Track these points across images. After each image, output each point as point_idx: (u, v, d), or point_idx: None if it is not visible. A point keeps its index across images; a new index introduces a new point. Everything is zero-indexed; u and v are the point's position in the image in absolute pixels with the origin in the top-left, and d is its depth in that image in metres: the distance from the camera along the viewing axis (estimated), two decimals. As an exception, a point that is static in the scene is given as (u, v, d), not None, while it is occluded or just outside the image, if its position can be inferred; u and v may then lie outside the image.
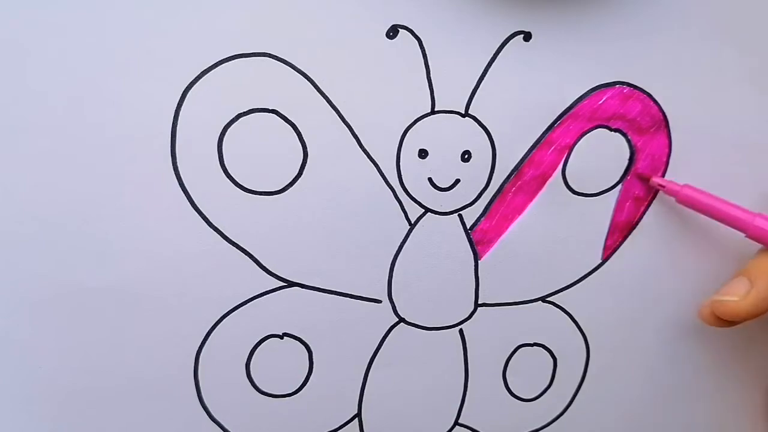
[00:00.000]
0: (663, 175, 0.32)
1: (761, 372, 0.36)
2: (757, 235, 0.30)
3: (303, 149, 0.29)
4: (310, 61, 0.28)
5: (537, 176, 0.31)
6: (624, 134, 0.31)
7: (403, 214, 0.30)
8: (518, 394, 0.33)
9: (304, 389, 0.31)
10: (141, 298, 0.28)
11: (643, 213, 0.32)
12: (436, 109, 0.29)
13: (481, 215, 0.31)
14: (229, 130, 0.28)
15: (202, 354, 0.29)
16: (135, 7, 0.26)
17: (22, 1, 0.25)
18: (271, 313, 0.30)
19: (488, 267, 0.31)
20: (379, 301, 0.31)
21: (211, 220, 0.28)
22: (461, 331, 0.32)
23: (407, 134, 0.29)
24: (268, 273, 0.29)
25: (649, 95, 0.31)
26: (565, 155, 0.31)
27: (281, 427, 0.31)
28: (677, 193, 0.31)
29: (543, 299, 0.32)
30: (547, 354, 0.33)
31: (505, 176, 0.30)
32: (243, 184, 0.28)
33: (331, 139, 0.29)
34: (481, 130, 0.30)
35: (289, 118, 0.28)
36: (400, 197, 0.30)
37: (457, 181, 0.30)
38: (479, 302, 0.32)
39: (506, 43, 0.29)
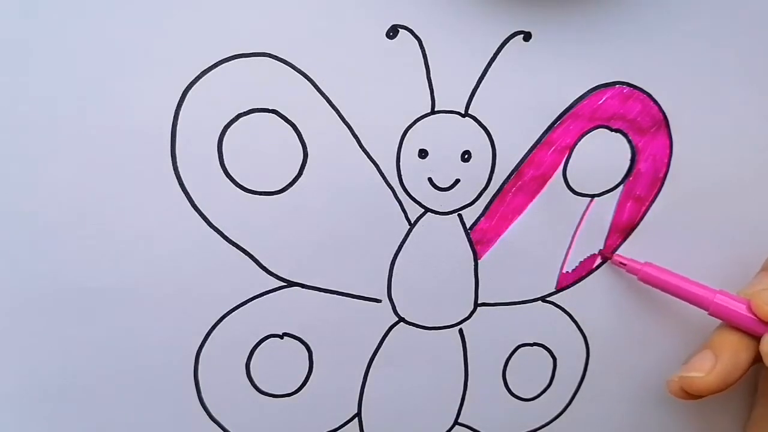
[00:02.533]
0: (665, 176, 0.32)
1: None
2: (718, 313, 0.30)
3: (303, 149, 0.29)
4: (310, 61, 0.28)
5: (537, 176, 0.31)
6: (625, 134, 0.31)
7: (403, 214, 0.30)
8: (518, 394, 0.33)
9: (304, 389, 0.31)
10: (141, 298, 0.28)
11: (644, 213, 0.32)
12: (436, 109, 0.29)
13: (481, 215, 0.31)
14: (229, 130, 0.28)
15: (202, 354, 0.29)
16: (135, 7, 0.26)
17: (23, 1, 0.25)
18: (271, 313, 0.30)
19: (488, 267, 0.31)
20: (378, 301, 0.31)
21: (211, 220, 0.28)
22: (461, 331, 0.32)
23: (407, 134, 0.29)
24: (268, 273, 0.29)
25: (649, 95, 0.31)
26: (566, 155, 0.31)
27: (281, 427, 0.31)
28: (638, 271, 0.31)
29: (543, 299, 0.32)
30: (547, 354, 0.33)
31: (505, 176, 0.30)
32: (243, 184, 0.28)
33: (331, 139, 0.29)
34: (481, 130, 0.30)
35: (289, 118, 0.28)
36: (400, 197, 0.30)
37: (457, 181, 0.30)
38: (479, 302, 0.32)
39: (506, 43, 0.29)
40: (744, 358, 0.29)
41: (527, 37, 0.29)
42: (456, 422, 0.33)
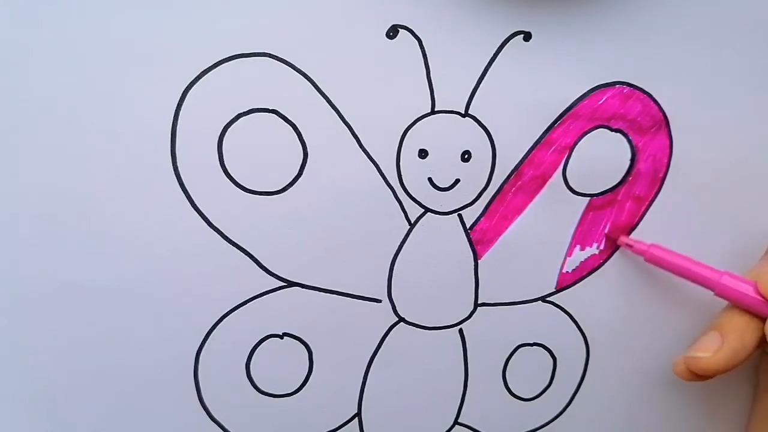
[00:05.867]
0: (664, 176, 0.32)
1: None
2: (724, 294, 0.30)
3: (303, 149, 0.29)
4: (310, 61, 0.28)
5: (537, 176, 0.31)
6: (625, 134, 0.31)
7: (403, 214, 0.30)
8: (518, 394, 0.33)
9: (304, 389, 0.31)
10: (141, 298, 0.28)
11: (644, 213, 0.32)
12: (436, 109, 0.29)
13: (481, 215, 0.31)
14: (229, 130, 0.28)
15: (202, 354, 0.29)
16: (135, 7, 0.26)
17: (23, 1, 0.25)
18: (271, 313, 0.30)
19: (488, 267, 0.31)
20: (378, 301, 0.31)
21: (211, 220, 0.28)
22: (461, 331, 0.32)
23: (407, 134, 0.29)
24: (268, 273, 0.29)
25: (650, 95, 0.31)
26: (566, 155, 0.31)
27: (281, 427, 0.31)
28: (644, 252, 0.31)
29: (543, 299, 0.32)
30: (547, 354, 0.33)
31: (505, 176, 0.30)
32: (243, 184, 0.28)
33: (331, 139, 0.29)
34: (481, 130, 0.30)
35: (289, 118, 0.28)
36: (400, 197, 0.30)
37: (457, 181, 0.30)
38: (479, 302, 0.32)
39: (506, 43, 0.29)
40: (750, 339, 0.30)
41: (527, 37, 0.29)
42: (456, 422, 0.33)
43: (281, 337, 0.30)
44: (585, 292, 0.33)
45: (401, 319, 0.31)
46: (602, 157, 0.31)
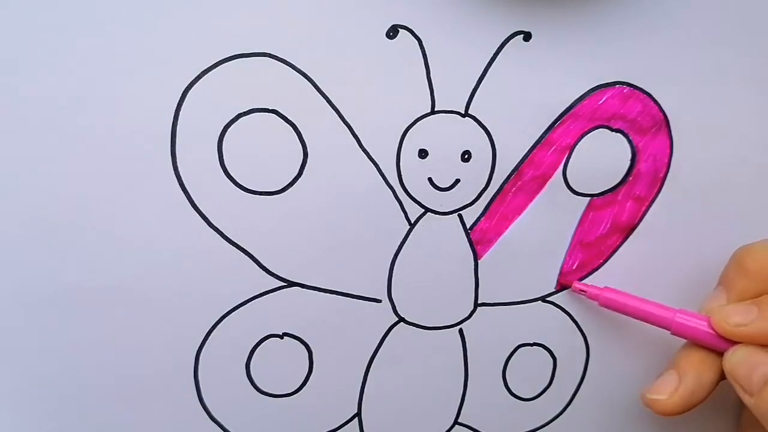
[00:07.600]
0: (665, 176, 0.32)
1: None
2: (680, 333, 0.30)
3: (303, 149, 0.29)
4: (310, 61, 0.28)
5: (537, 176, 0.31)
6: (625, 135, 0.31)
7: (403, 214, 0.30)
8: (518, 394, 0.33)
9: (304, 389, 0.31)
10: (141, 298, 0.28)
11: (644, 213, 0.32)
12: (436, 109, 0.29)
13: (481, 215, 0.31)
14: (229, 130, 0.28)
15: (202, 354, 0.29)
16: (135, 7, 0.26)
17: (22, 0, 0.25)
18: (271, 313, 0.30)
19: (488, 267, 0.31)
20: (378, 301, 0.31)
21: (211, 220, 0.28)
22: (461, 331, 0.32)
23: (407, 134, 0.29)
24: (268, 273, 0.29)
25: (650, 95, 0.31)
26: (566, 155, 0.31)
27: (281, 427, 0.31)
28: (598, 297, 0.31)
29: (543, 299, 0.32)
30: (547, 354, 0.33)
31: (505, 176, 0.30)
32: (243, 184, 0.28)
33: (331, 139, 0.29)
34: (481, 130, 0.30)
35: (289, 118, 0.28)
36: (400, 197, 0.30)
37: (457, 181, 0.30)
38: (479, 302, 0.32)
39: (506, 43, 0.29)
40: (708, 377, 0.29)
41: (527, 37, 0.29)
42: (456, 422, 0.33)
43: (281, 337, 0.30)
44: (585, 292, 0.33)
45: (401, 319, 0.31)
46: (602, 157, 0.31)
